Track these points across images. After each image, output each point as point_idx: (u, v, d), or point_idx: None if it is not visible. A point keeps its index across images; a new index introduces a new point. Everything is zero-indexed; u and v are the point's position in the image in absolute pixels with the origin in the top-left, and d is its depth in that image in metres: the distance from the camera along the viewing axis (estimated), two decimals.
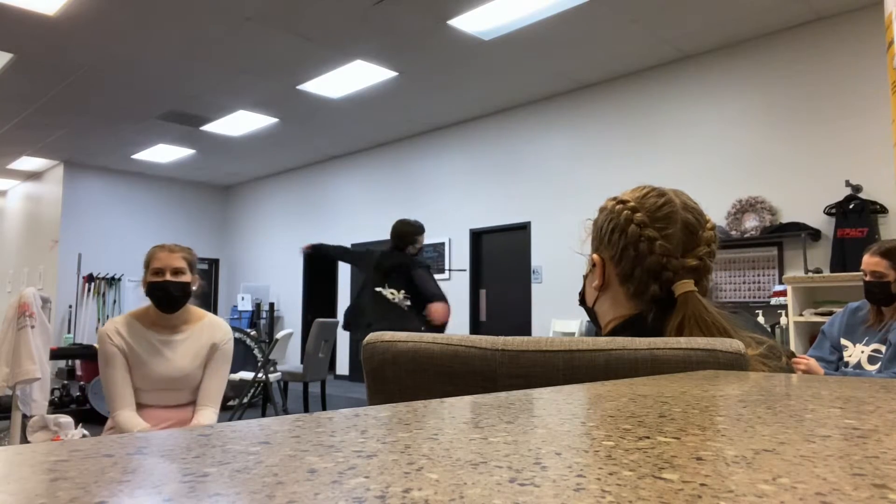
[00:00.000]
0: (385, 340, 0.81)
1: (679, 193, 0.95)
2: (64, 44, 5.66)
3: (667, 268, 0.89)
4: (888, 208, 4.71)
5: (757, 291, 5.33)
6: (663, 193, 0.94)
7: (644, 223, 0.91)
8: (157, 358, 2.12)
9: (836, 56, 5.06)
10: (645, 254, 0.90)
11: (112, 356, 2.08)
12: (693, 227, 0.91)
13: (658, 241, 0.89)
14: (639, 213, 0.92)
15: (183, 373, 2.13)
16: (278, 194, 10.78)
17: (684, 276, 0.88)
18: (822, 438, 0.31)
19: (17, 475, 0.24)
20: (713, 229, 0.93)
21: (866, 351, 2.44)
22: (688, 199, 0.95)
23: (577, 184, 6.68)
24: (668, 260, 0.89)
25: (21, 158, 9.71)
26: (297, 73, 6.29)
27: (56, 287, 9.65)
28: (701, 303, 0.86)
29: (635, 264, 0.91)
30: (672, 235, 0.90)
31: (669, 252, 0.89)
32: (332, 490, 0.22)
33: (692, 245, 0.90)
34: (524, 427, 0.35)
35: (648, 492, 0.22)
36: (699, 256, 0.90)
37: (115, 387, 2.07)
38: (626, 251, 0.92)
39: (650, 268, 0.89)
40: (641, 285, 0.90)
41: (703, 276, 0.90)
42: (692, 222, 0.91)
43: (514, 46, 5.68)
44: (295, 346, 9.50)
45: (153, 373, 2.10)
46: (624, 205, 0.94)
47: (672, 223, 0.90)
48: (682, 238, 0.90)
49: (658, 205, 0.92)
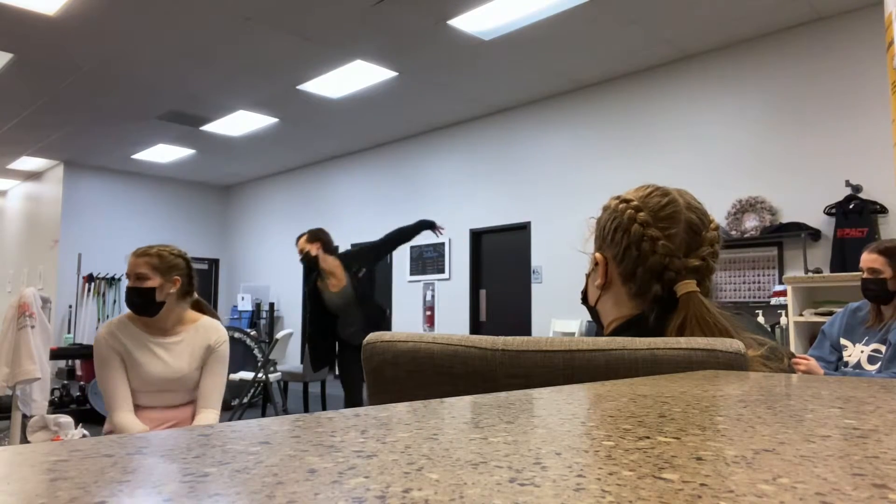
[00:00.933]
0: (385, 340, 0.81)
1: (683, 193, 0.95)
2: (64, 44, 5.66)
3: (669, 268, 0.88)
4: (888, 208, 4.71)
5: (757, 291, 5.33)
6: (667, 193, 0.93)
7: (647, 223, 0.90)
8: (153, 359, 2.12)
9: (836, 56, 5.06)
10: (647, 253, 0.89)
11: (108, 358, 2.08)
12: (696, 228, 0.90)
13: (661, 240, 0.89)
14: (642, 212, 0.91)
15: (179, 374, 2.14)
16: (278, 194, 10.78)
17: (687, 276, 0.88)
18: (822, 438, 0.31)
19: (17, 475, 0.24)
20: (717, 229, 0.92)
21: (866, 351, 2.44)
22: (692, 198, 0.95)
23: (577, 184, 6.68)
24: (670, 260, 0.88)
25: (21, 158, 9.71)
26: (297, 73, 6.29)
27: (56, 287, 9.65)
28: (703, 303, 0.86)
29: (637, 264, 0.90)
30: (675, 235, 0.89)
31: (672, 252, 0.89)
32: (332, 490, 0.22)
33: (695, 245, 0.90)
34: (524, 427, 0.35)
35: (648, 492, 0.22)
36: (702, 257, 0.89)
37: (113, 389, 2.07)
38: (629, 250, 0.91)
39: (652, 267, 0.89)
40: (643, 285, 0.90)
41: (705, 277, 0.90)
42: (696, 222, 0.91)
43: (514, 46, 5.68)
44: (295, 346, 9.49)
45: (149, 374, 2.11)
46: (627, 204, 0.94)
47: (675, 223, 0.90)
48: (685, 238, 0.90)
49: (661, 204, 0.91)
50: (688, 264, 0.89)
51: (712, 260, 0.90)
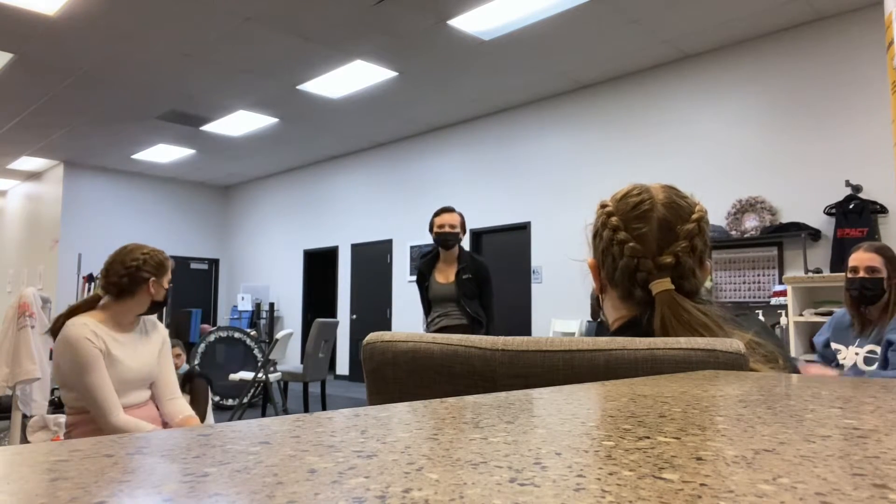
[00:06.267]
0: (385, 340, 0.81)
1: (665, 188, 0.93)
2: (64, 44, 5.66)
3: (640, 269, 0.88)
4: (888, 208, 4.71)
5: (757, 291, 5.33)
6: (642, 191, 0.92)
7: (616, 227, 0.90)
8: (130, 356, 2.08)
9: (836, 56, 5.06)
10: (618, 256, 0.90)
11: (96, 358, 1.98)
12: (669, 224, 0.88)
13: (628, 243, 0.88)
14: (613, 216, 0.91)
15: (149, 368, 2.13)
16: (278, 194, 10.79)
17: (659, 275, 0.87)
18: (822, 438, 0.31)
19: (17, 475, 0.24)
20: (698, 221, 0.89)
21: (861, 353, 2.43)
22: (674, 193, 0.92)
23: (577, 184, 6.68)
24: (638, 261, 0.88)
25: (21, 158, 9.71)
26: (297, 73, 6.29)
27: (56, 287, 9.65)
28: (676, 301, 0.85)
29: (614, 267, 0.91)
30: (645, 235, 0.88)
31: (639, 253, 0.88)
32: (332, 490, 0.22)
33: (668, 242, 0.88)
34: (524, 427, 0.35)
35: (648, 492, 0.22)
36: (675, 253, 0.87)
37: (108, 391, 1.98)
38: (606, 255, 0.92)
39: (625, 270, 0.89)
40: (625, 288, 0.90)
41: (685, 273, 0.88)
42: (668, 218, 0.89)
43: (514, 46, 5.68)
44: (295, 346, 9.50)
45: (128, 371, 2.06)
46: (603, 209, 0.94)
47: (647, 222, 0.89)
48: (657, 236, 0.88)
49: (633, 204, 0.91)
50: (659, 262, 0.87)
51: (688, 255, 0.87)
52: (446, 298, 3.66)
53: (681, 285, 0.87)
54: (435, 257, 3.77)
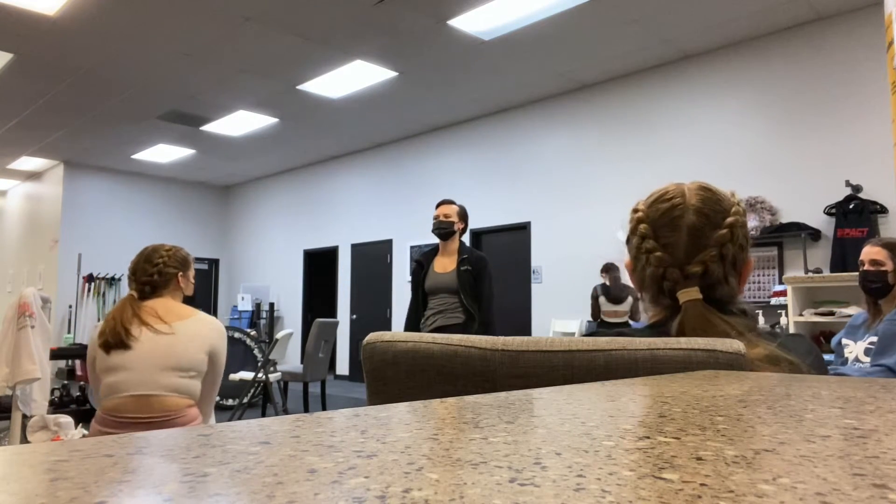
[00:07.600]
0: (385, 340, 0.81)
1: (700, 190, 0.90)
2: (64, 44, 5.66)
3: (666, 277, 0.88)
4: (888, 208, 4.71)
5: (757, 291, 5.33)
6: (673, 196, 0.90)
7: (645, 235, 0.89)
8: None
9: (836, 56, 5.06)
10: (646, 265, 0.89)
11: None
12: (700, 231, 0.86)
13: (655, 252, 0.88)
14: (643, 223, 0.90)
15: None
16: (278, 194, 10.79)
17: (686, 284, 0.86)
18: (822, 438, 0.31)
19: (17, 475, 0.24)
20: (731, 227, 0.86)
21: (863, 345, 2.47)
22: (709, 196, 0.90)
23: (577, 184, 6.68)
24: (665, 270, 0.87)
25: (21, 158, 9.71)
26: (297, 73, 6.29)
27: (56, 287, 9.65)
28: (700, 311, 0.84)
29: (643, 273, 0.91)
30: (674, 243, 0.87)
31: (666, 262, 0.87)
32: (332, 490, 0.22)
33: (697, 249, 0.86)
34: (524, 427, 0.35)
35: (648, 492, 0.22)
36: (703, 262, 0.85)
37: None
38: (637, 261, 0.92)
39: (653, 277, 0.89)
40: (653, 293, 0.91)
41: (714, 281, 0.86)
42: (699, 225, 0.87)
43: (514, 46, 5.68)
44: (295, 346, 9.50)
45: None
46: (634, 214, 0.93)
47: (676, 230, 0.87)
48: (686, 244, 0.87)
49: (663, 210, 0.89)
50: (687, 272, 0.86)
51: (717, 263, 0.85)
52: (443, 289, 3.63)
53: (710, 293, 0.86)
54: (435, 250, 3.77)
